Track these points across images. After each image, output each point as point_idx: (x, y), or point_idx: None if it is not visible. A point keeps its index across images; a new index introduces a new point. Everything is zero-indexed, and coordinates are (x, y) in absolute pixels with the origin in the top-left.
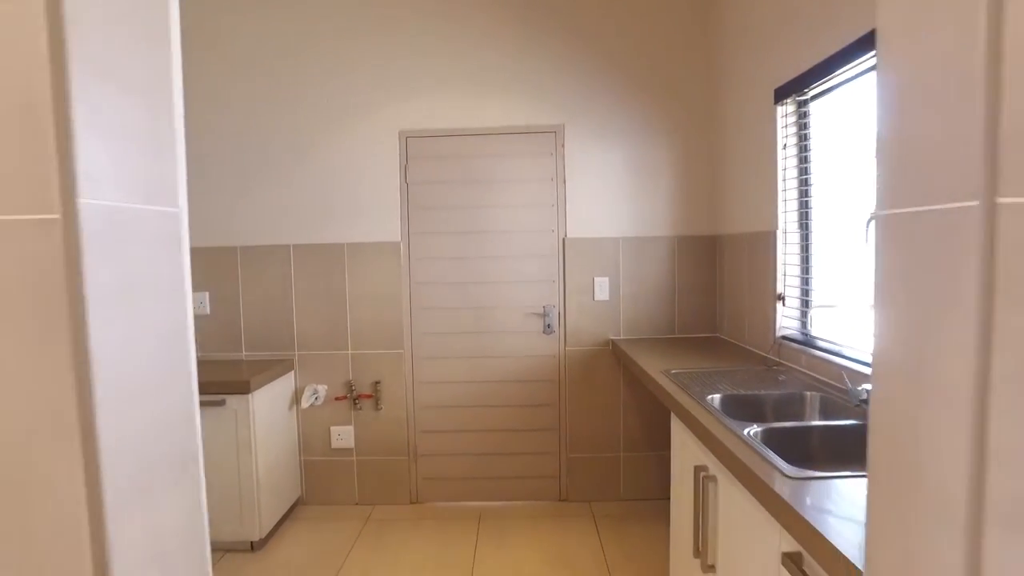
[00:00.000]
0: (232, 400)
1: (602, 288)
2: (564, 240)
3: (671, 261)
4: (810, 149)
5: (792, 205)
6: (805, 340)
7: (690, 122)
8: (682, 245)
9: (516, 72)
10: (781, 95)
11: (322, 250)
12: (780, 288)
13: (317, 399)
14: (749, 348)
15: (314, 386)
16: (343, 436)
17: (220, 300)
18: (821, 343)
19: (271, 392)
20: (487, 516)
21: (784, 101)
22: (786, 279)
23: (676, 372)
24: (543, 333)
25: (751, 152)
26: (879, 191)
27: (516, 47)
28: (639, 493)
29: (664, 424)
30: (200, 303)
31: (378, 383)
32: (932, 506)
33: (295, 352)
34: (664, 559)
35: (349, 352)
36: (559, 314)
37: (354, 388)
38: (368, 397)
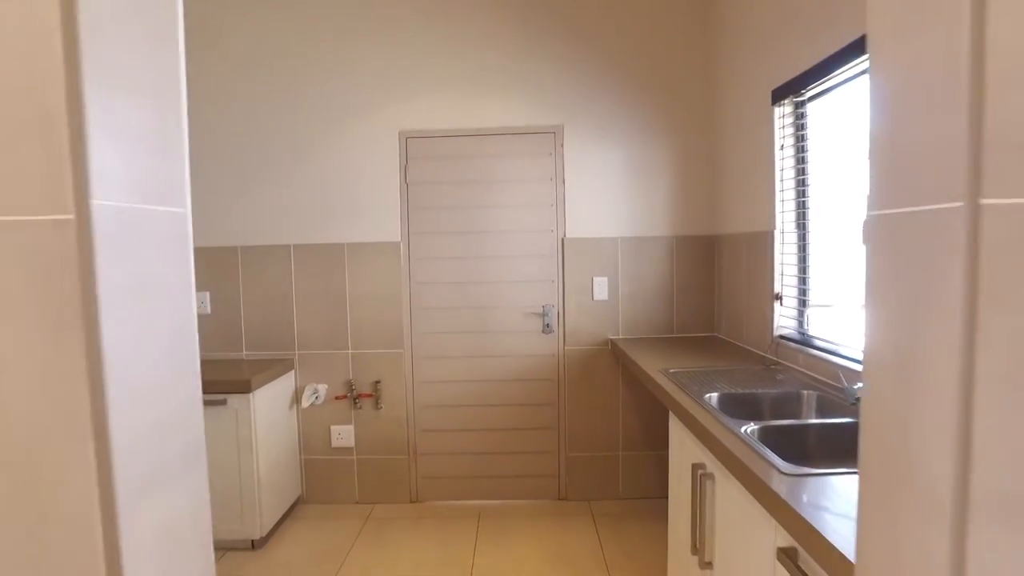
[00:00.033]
0: (233, 399)
1: (601, 288)
2: (563, 240)
3: (670, 261)
4: (807, 150)
5: (790, 205)
6: (802, 339)
7: (689, 123)
8: (681, 245)
9: (516, 72)
10: (779, 96)
11: (322, 250)
12: (778, 288)
13: (317, 398)
14: (747, 347)
15: (314, 385)
16: (343, 435)
17: (221, 300)
18: (818, 342)
19: (272, 391)
20: (487, 515)
21: (782, 102)
22: (783, 279)
23: (674, 371)
24: (542, 333)
25: (749, 152)
26: (870, 192)
27: (516, 47)
28: (638, 492)
29: (663, 423)
30: (201, 303)
31: (378, 382)
32: (919, 499)
33: (295, 352)
34: (662, 557)
35: (349, 352)
36: (558, 314)
37: (354, 387)
38: (368, 396)
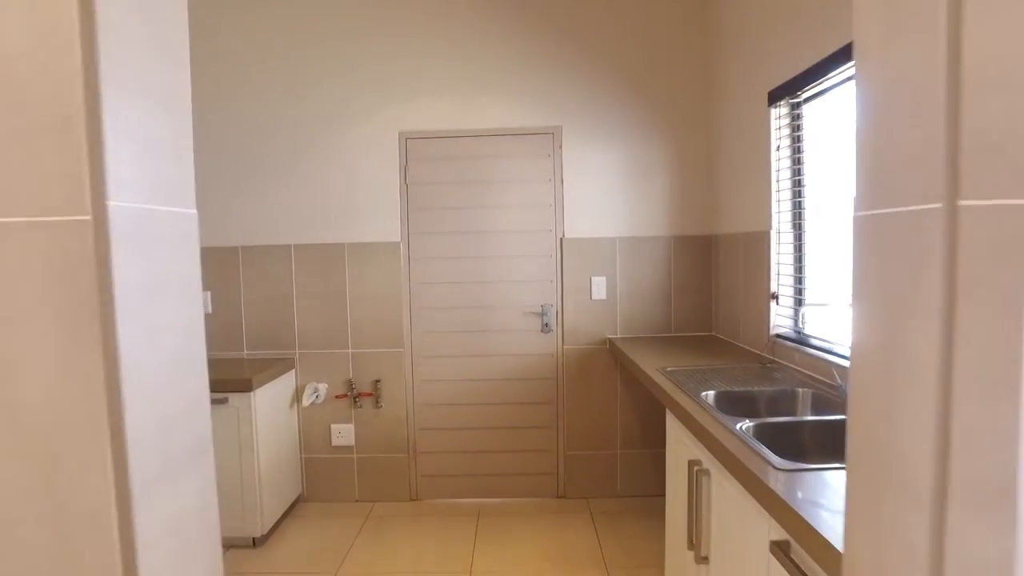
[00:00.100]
0: (234, 398)
1: (599, 287)
2: (562, 240)
3: (667, 261)
4: (803, 151)
5: (786, 206)
6: (798, 338)
7: (686, 123)
8: (678, 245)
9: (515, 74)
10: (775, 97)
11: (323, 250)
12: (774, 287)
13: (318, 397)
14: (744, 346)
15: (315, 384)
16: (343, 434)
17: (222, 299)
18: (813, 341)
19: (272, 390)
20: (486, 513)
21: (778, 103)
22: (780, 278)
23: (672, 370)
24: (541, 332)
25: (746, 153)
26: (856, 194)
27: (515, 49)
28: (636, 490)
29: (660, 422)
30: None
31: (378, 381)
32: (902, 490)
33: (296, 351)
34: (660, 554)
35: (349, 351)
36: (557, 313)
37: (354, 386)
38: (368, 395)
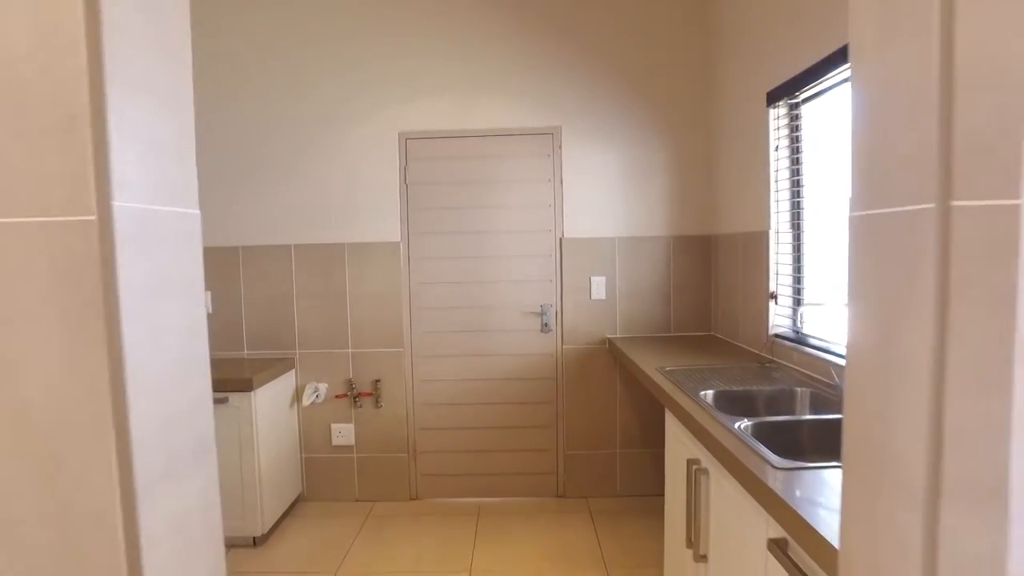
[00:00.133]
0: (235, 398)
1: (599, 287)
2: (561, 240)
3: (666, 261)
4: (802, 151)
5: (784, 206)
6: (797, 338)
7: (685, 124)
8: (677, 245)
9: (515, 74)
10: (774, 98)
11: (323, 250)
12: (773, 287)
13: (318, 397)
14: (743, 346)
15: (315, 384)
16: (343, 433)
17: (222, 299)
18: (812, 340)
19: (273, 390)
20: (486, 512)
21: (776, 104)
22: (778, 278)
23: (671, 369)
24: (541, 332)
25: (744, 154)
26: (852, 194)
27: (515, 49)
28: (635, 489)
29: (659, 421)
30: None
31: (378, 381)
32: (897, 487)
33: (296, 350)
34: (659, 553)
35: (349, 351)
36: (556, 313)
37: (354, 386)
38: (368, 395)
